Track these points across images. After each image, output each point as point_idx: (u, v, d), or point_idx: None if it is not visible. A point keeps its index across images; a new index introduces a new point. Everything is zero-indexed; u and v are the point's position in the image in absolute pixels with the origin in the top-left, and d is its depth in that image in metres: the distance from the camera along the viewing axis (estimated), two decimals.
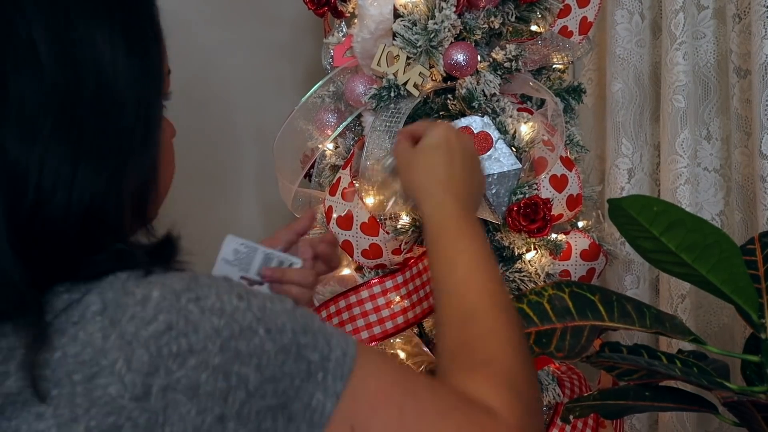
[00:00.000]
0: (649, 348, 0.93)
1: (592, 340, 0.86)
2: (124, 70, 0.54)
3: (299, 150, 1.25)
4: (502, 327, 0.67)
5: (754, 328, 0.87)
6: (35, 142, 0.49)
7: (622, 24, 1.40)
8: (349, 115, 1.18)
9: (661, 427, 1.38)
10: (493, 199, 1.09)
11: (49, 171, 0.49)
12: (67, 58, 0.51)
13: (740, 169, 1.28)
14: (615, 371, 0.91)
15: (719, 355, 0.95)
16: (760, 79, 1.15)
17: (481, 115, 1.09)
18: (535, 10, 1.15)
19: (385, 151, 1.06)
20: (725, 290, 0.83)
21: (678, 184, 1.30)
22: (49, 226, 0.49)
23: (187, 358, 0.48)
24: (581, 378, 1.21)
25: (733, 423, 0.92)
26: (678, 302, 1.32)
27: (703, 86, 1.33)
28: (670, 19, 1.28)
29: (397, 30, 1.07)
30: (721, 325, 1.35)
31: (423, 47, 1.07)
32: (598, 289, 0.91)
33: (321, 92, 1.20)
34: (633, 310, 0.87)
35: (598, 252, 1.16)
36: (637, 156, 1.44)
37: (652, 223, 0.80)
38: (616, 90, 1.42)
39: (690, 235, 0.80)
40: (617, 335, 1.43)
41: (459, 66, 1.08)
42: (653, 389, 0.93)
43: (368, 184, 1.09)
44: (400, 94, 1.09)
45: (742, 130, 1.26)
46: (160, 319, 0.48)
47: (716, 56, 1.32)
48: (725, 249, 0.81)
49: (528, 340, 0.77)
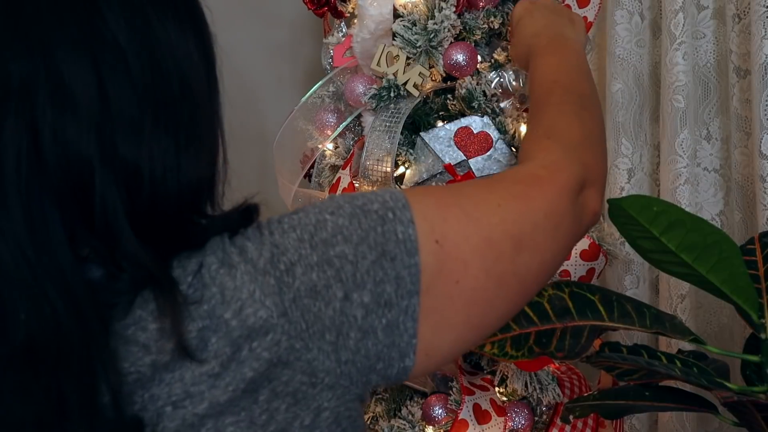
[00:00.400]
0: (648, 348, 0.93)
1: (592, 340, 0.86)
2: (198, 62, 0.59)
3: (299, 150, 1.25)
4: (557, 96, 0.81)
5: (754, 328, 0.88)
6: (141, 141, 0.54)
7: (621, 24, 1.40)
8: (349, 115, 1.18)
9: (661, 427, 1.38)
10: None
11: (158, 164, 0.54)
12: (152, 59, 0.55)
13: (740, 169, 1.28)
14: (615, 371, 0.91)
15: (719, 355, 0.95)
16: (760, 79, 1.15)
17: (481, 115, 1.09)
18: None
19: (384, 151, 1.06)
20: (725, 290, 0.83)
21: (678, 184, 1.30)
22: (165, 211, 0.55)
23: (294, 269, 0.55)
24: (581, 378, 1.21)
25: (732, 423, 0.92)
26: (678, 302, 1.32)
27: (702, 86, 1.33)
28: (670, 19, 1.28)
29: (397, 30, 1.07)
30: (721, 325, 1.35)
31: (423, 47, 1.07)
32: (598, 289, 0.91)
33: (321, 92, 1.20)
34: (633, 310, 0.87)
35: (597, 252, 1.16)
36: (636, 156, 1.44)
37: (652, 223, 0.80)
38: (616, 90, 1.42)
39: (690, 235, 0.80)
40: (617, 335, 1.43)
41: (459, 66, 1.08)
42: (653, 389, 0.93)
43: (368, 184, 1.09)
44: (400, 94, 1.09)
45: (741, 130, 1.26)
46: (263, 252, 0.56)
47: (716, 56, 1.32)
48: (725, 249, 0.81)
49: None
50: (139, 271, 0.53)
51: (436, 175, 1.09)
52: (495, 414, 1.12)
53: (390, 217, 0.59)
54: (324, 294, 0.56)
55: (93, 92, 0.52)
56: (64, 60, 0.52)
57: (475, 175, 1.08)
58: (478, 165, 1.08)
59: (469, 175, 1.08)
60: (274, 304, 0.54)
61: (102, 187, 0.52)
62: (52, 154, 0.51)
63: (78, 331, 0.50)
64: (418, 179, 1.10)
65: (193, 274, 0.54)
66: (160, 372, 0.52)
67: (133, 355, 0.52)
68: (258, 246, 0.56)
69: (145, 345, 0.52)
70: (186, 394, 0.52)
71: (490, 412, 1.12)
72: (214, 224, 0.58)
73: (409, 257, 0.58)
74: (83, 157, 0.51)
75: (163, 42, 0.56)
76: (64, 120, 0.51)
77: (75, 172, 0.51)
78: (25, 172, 0.50)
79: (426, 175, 1.10)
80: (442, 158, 1.09)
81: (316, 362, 0.55)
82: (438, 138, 1.10)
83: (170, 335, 0.52)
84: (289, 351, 0.54)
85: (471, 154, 1.08)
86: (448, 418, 1.10)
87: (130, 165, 0.53)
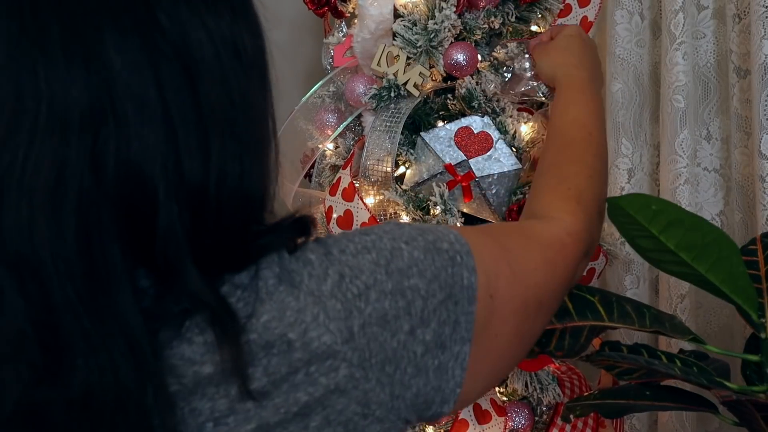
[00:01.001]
0: (649, 347, 0.92)
1: (591, 339, 0.86)
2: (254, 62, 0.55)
3: (299, 150, 1.25)
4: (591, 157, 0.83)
5: (754, 327, 0.87)
6: (209, 161, 0.50)
7: (621, 24, 1.40)
8: (349, 115, 1.18)
9: (661, 426, 1.38)
10: (493, 199, 1.09)
11: (224, 184, 0.51)
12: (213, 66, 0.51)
13: (740, 169, 1.28)
14: (615, 370, 0.91)
15: (719, 354, 0.95)
16: (760, 79, 1.15)
17: (481, 115, 1.09)
18: (535, 10, 1.16)
19: (385, 151, 1.06)
20: (724, 289, 0.83)
21: (678, 184, 1.30)
22: (228, 230, 0.52)
23: (368, 294, 0.54)
24: (581, 378, 1.21)
25: (732, 423, 0.92)
26: (677, 302, 1.32)
27: (702, 86, 1.33)
28: (670, 19, 1.28)
29: (397, 30, 1.07)
30: (721, 325, 1.35)
31: (423, 47, 1.07)
32: (597, 290, 0.91)
33: (321, 92, 1.20)
34: (632, 311, 0.87)
35: (597, 252, 1.16)
36: (637, 156, 1.44)
37: (651, 222, 0.80)
38: (616, 90, 1.42)
39: (689, 234, 0.80)
40: (617, 334, 1.43)
41: (459, 66, 1.08)
42: (653, 388, 0.93)
43: (368, 184, 1.09)
44: (400, 94, 1.09)
45: (741, 130, 1.26)
46: (331, 273, 0.53)
47: (716, 56, 1.32)
48: (724, 248, 0.81)
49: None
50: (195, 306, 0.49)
51: (436, 175, 1.09)
52: (495, 414, 1.12)
53: (458, 260, 0.58)
54: (392, 324, 0.54)
55: (158, 117, 0.48)
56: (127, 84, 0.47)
57: (476, 175, 1.08)
58: (479, 165, 1.08)
59: (469, 175, 1.08)
60: (338, 329, 0.52)
61: (166, 217, 0.48)
62: (114, 186, 0.47)
63: (135, 376, 0.47)
64: (419, 179, 1.10)
65: (243, 288, 0.52)
66: (204, 385, 0.49)
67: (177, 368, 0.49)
68: (323, 265, 0.54)
69: (191, 358, 0.49)
70: (231, 411, 0.50)
71: (491, 412, 1.12)
72: (270, 240, 0.54)
73: (469, 305, 0.58)
74: (148, 188, 0.48)
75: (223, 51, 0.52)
76: (128, 150, 0.47)
77: (138, 203, 0.48)
78: (85, 205, 0.46)
79: (426, 175, 1.10)
80: (443, 158, 1.09)
81: (372, 393, 0.53)
82: (438, 138, 1.10)
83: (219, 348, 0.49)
84: (347, 379, 0.52)
85: (471, 154, 1.09)
86: (448, 418, 1.10)
87: (197, 190, 0.50)
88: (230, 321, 0.50)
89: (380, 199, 1.09)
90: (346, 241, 0.56)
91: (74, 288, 0.46)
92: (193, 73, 0.50)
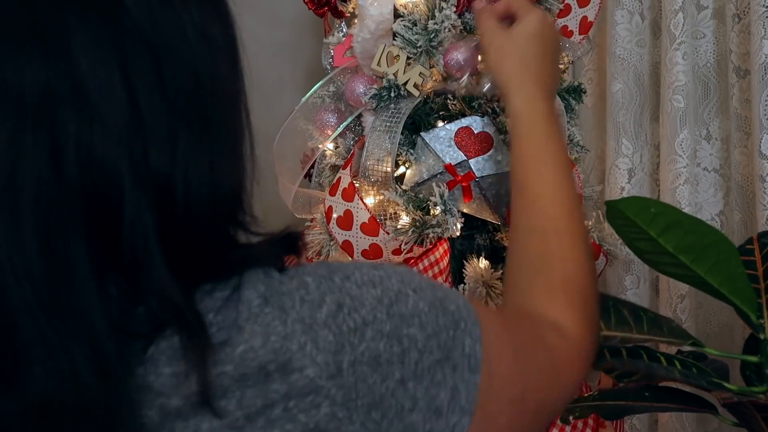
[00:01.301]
0: (648, 349, 0.92)
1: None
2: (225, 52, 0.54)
3: (299, 150, 1.25)
4: (580, 242, 0.73)
5: (753, 328, 0.88)
6: (176, 152, 0.47)
7: (622, 24, 1.40)
8: (349, 115, 1.18)
9: (661, 427, 1.39)
10: (493, 199, 1.09)
11: (193, 176, 0.48)
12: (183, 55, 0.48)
13: (740, 169, 1.28)
14: (614, 372, 0.91)
15: (718, 355, 0.95)
16: (760, 79, 1.15)
17: (481, 115, 1.09)
18: None
19: (385, 152, 1.06)
20: (723, 291, 0.83)
21: (677, 184, 1.30)
22: (200, 230, 0.49)
23: (365, 330, 0.49)
24: None
25: (732, 423, 0.92)
26: (677, 302, 1.32)
27: (702, 86, 1.33)
28: (670, 19, 1.28)
29: (397, 30, 1.07)
30: (721, 325, 1.35)
31: (423, 47, 1.07)
32: None
33: (321, 92, 1.20)
34: (629, 315, 0.87)
35: (598, 252, 1.16)
36: (637, 156, 1.44)
37: (650, 225, 0.80)
38: (616, 90, 1.42)
39: (687, 236, 0.80)
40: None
41: (459, 66, 1.08)
42: (653, 390, 0.93)
43: (368, 184, 1.09)
44: (400, 94, 1.09)
45: (741, 130, 1.26)
46: (328, 300, 0.49)
47: (716, 56, 1.32)
48: (723, 250, 0.81)
49: None
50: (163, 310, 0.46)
51: (436, 175, 1.09)
52: None
53: (462, 326, 0.54)
54: (384, 368, 0.49)
55: (122, 101, 0.45)
56: (90, 65, 0.44)
57: (476, 175, 1.08)
58: (479, 165, 1.08)
59: (469, 175, 1.08)
60: (325, 362, 0.47)
61: (132, 209, 0.45)
62: (76, 176, 0.44)
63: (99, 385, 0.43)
64: (419, 179, 1.10)
65: (216, 310, 0.47)
66: (171, 419, 0.45)
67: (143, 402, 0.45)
68: (321, 290, 0.50)
69: (159, 391, 0.45)
70: None
71: None
72: (251, 253, 0.51)
73: (470, 373, 0.53)
74: (112, 177, 0.44)
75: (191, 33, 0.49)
76: (90, 135, 0.44)
77: (101, 195, 0.44)
78: (45, 198, 0.43)
79: (426, 175, 1.10)
80: (443, 158, 1.09)
81: None
82: (438, 138, 1.10)
83: (187, 379, 0.45)
84: (329, 418, 0.47)
85: (471, 154, 1.09)
86: None
87: (164, 181, 0.46)
88: (200, 331, 0.46)
89: (380, 199, 1.09)
90: (353, 268, 0.52)
91: (33, 288, 0.42)
92: (159, 54, 0.47)
